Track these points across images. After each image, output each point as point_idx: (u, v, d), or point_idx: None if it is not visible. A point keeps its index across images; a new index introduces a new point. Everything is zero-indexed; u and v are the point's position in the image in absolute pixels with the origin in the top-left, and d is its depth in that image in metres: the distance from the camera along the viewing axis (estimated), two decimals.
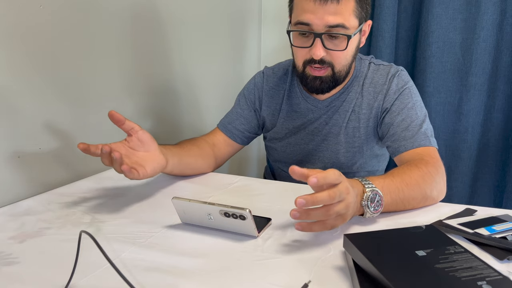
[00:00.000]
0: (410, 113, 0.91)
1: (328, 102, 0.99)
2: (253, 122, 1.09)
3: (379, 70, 0.98)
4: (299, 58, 0.91)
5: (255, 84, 1.09)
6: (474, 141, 1.52)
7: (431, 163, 0.80)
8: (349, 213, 0.61)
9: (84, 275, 0.52)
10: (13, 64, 0.78)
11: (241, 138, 1.08)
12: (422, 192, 0.74)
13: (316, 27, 0.84)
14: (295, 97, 1.04)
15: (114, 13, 1.00)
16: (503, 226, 0.64)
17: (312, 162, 1.05)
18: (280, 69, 1.08)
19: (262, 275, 0.53)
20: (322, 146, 1.03)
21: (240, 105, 1.09)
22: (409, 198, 0.73)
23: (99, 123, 0.99)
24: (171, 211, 0.70)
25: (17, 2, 0.77)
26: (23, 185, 0.82)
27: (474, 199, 1.57)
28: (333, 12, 0.83)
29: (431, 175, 0.77)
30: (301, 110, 1.03)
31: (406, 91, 0.94)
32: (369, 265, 0.47)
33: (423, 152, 0.85)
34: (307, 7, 0.84)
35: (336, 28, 0.84)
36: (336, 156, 1.02)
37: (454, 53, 1.48)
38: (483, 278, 0.43)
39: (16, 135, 0.80)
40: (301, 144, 1.05)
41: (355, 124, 0.99)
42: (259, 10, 1.86)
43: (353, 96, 0.98)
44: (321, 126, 1.01)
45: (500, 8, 1.41)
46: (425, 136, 0.87)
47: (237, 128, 1.07)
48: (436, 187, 0.77)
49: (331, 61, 0.89)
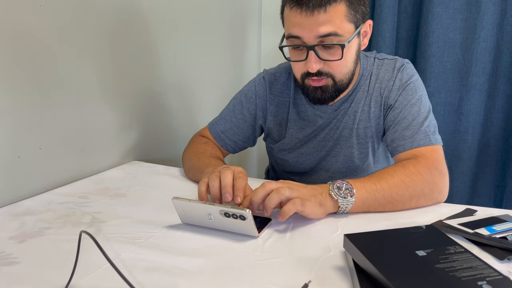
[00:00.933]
0: (413, 110, 0.88)
1: (336, 106, 0.96)
2: (247, 133, 1.04)
3: (383, 65, 0.94)
4: (297, 71, 0.88)
5: (256, 93, 1.03)
6: (474, 141, 1.52)
7: (422, 163, 0.79)
8: (304, 194, 0.67)
9: (84, 275, 0.52)
10: (13, 64, 0.78)
11: (233, 148, 1.05)
12: (410, 190, 0.74)
13: (307, 39, 0.80)
14: (301, 104, 0.99)
15: (114, 13, 1.00)
16: (503, 226, 0.63)
17: (325, 169, 1.02)
18: (282, 73, 1.03)
19: (262, 275, 0.53)
20: (334, 151, 0.99)
21: (235, 114, 1.03)
22: (393, 195, 0.72)
23: (99, 123, 0.99)
24: (171, 211, 0.70)
25: (17, 2, 0.77)
26: (23, 185, 0.82)
27: (474, 199, 1.57)
28: (322, 22, 0.78)
29: (420, 174, 0.76)
30: (309, 118, 0.98)
31: (410, 86, 0.90)
32: (369, 265, 0.47)
33: (420, 152, 0.83)
34: (295, 20, 0.80)
35: (328, 37, 0.79)
36: (351, 160, 0.98)
37: (454, 53, 1.48)
38: (483, 278, 0.43)
39: (16, 135, 0.80)
40: (313, 153, 1.00)
41: (366, 124, 0.95)
42: (259, 10, 1.86)
43: (361, 96, 0.95)
44: (332, 131, 0.97)
45: (500, 8, 1.41)
46: (425, 135, 0.85)
47: (231, 138, 1.03)
48: (429, 186, 0.76)
49: (330, 71, 0.84)
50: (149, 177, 0.95)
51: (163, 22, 1.19)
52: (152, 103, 1.19)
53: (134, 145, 1.13)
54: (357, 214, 0.72)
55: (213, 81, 1.52)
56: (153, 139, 1.21)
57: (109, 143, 1.04)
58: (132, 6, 1.06)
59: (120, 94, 1.06)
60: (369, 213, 0.73)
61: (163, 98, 1.24)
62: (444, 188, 0.79)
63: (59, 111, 0.88)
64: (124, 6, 1.03)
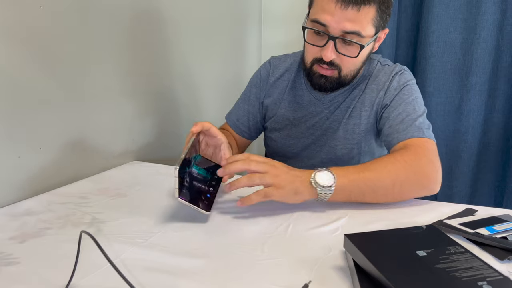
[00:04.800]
0: (408, 107, 0.90)
1: (331, 97, 1.00)
2: (258, 117, 1.11)
3: (383, 69, 0.98)
4: (309, 54, 0.91)
5: (260, 78, 1.09)
6: (475, 141, 1.52)
7: (411, 150, 0.79)
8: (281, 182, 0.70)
9: (85, 275, 0.52)
10: (13, 64, 0.78)
11: (249, 134, 1.13)
12: (393, 176, 0.73)
13: (332, 30, 0.83)
14: (299, 88, 1.04)
15: (114, 13, 1.00)
16: (503, 226, 0.63)
17: (310, 157, 1.06)
18: (287, 59, 1.08)
19: (262, 275, 0.53)
20: (321, 141, 1.03)
21: (245, 101, 1.11)
22: (376, 182, 0.72)
23: (99, 123, 1.00)
24: (171, 211, 0.70)
25: (17, 2, 0.77)
26: (23, 185, 0.82)
27: (474, 199, 1.57)
28: (352, 19, 0.81)
29: (405, 161, 0.75)
30: (304, 102, 1.03)
31: (407, 88, 0.94)
32: (369, 265, 0.47)
33: (412, 142, 0.83)
34: (327, 7, 0.82)
35: (351, 35, 0.83)
36: (333, 152, 1.02)
37: (455, 53, 1.48)
38: (483, 278, 0.43)
39: (16, 135, 0.80)
40: (301, 138, 1.05)
41: (355, 121, 0.99)
42: (260, 10, 1.86)
43: (356, 93, 0.98)
44: (322, 120, 1.02)
45: (500, 8, 1.41)
46: (418, 128, 0.86)
47: (245, 124, 1.11)
48: (414, 171, 0.74)
49: (340, 64, 0.88)
50: (149, 177, 0.95)
51: (163, 22, 1.19)
52: (152, 103, 1.19)
53: (134, 145, 1.13)
54: (358, 215, 0.72)
55: (214, 80, 1.52)
56: (153, 139, 1.21)
57: (109, 143, 1.04)
58: (132, 6, 1.06)
59: (120, 94, 1.06)
60: (369, 213, 0.73)
61: (163, 98, 1.24)
62: (431, 174, 0.77)
63: (59, 111, 0.88)
64: (124, 6, 1.03)
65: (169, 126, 1.29)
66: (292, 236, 0.64)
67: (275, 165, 0.72)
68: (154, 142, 1.21)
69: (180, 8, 1.26)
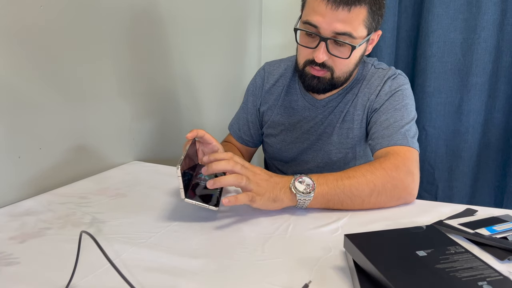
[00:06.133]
0: (396, 114, 0.89)
1: (325, 102, 1.00)
2: (258, 124, 1.12)
3: (377, 73, 0.98)
4: (302, 56, 0.91)
5: (255, 85, 1.10)
6: (475, 141, 1.52)
7: (391, 159, 0.78)
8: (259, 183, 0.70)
9: (85, 275, 0.52)
10: (13, 64, 0.78)
11: (253, 143, 1.15)
12: (371, 185, 0.72)
13: (323, 31, 0.83)
14: (294, 93, 1.04)
15: (114, 13, 1.00)
16: (503, 226, 0.63)
17: (306, 161, 1.06)
18: (281, 65, 1.09)
19: (262, 275, 0.53)
20: (316, 145, 1.03)
21: (244, 110, 1.13)
22: (353, 190, 0.72)
23: (99, 123, 0.99)
24: (171, 211, 0.70)
25: (17, 2, 0.77)
26: (23, 185, 0.82)
27: (474, 199, 1.57)
28: (343, 20, 0.81)
29: (383, 169, 0.75)
30: (298, 107, 1.03)
31: (398, 93, 0.93)
32: (369, 265, 0.47)
33: (394, 150, 0.82)
34: (318, 9, 0.82)
35: (342, 36, 0.83)
36: (329, 156, 1.02)
37: (455, 53, 1.48)
38: (483, 278, 0.43)
39: (16, 135, 0.80)
40: (296, 143, 1.05)
41: (349, 125, 0.99)
42: (260, 10, 1.86)
43: (350, 98, 0.98)
44: (316, 125, 1.02)
45: (500, 8, 1.41)
46: (403, 136, 0.85)
47: (247, 133, 1.13)
48: (392, 181, 0.74)
49: (332, 66, 0.88)
50: (149, 177, 0.95)
51: (163, 23, 1.19)
52: (153, 103, 1.19)
53: (134, 145, 1.13)
54: (358, 215, 0.72)
55: (214, 81, 1.52)
56: (153, 139, 1.21)
57: (109, 143, 1.04)
58: (132, 7, 1.06)
59: (120, 94, 1.06)
60: (369, 213, 0.73)
61: (163, 98, 1.24)
62: (410, 186, 0.76)
63: (59, 111, 0.88)
64: (125, 7, 1.03)
65: (169, 126, 1.29)
66: (292, 236, 0.64)
67: (256, 171, 0.72)
68: (154, 142, 1.21)
69: (180, 9, 1.26)
